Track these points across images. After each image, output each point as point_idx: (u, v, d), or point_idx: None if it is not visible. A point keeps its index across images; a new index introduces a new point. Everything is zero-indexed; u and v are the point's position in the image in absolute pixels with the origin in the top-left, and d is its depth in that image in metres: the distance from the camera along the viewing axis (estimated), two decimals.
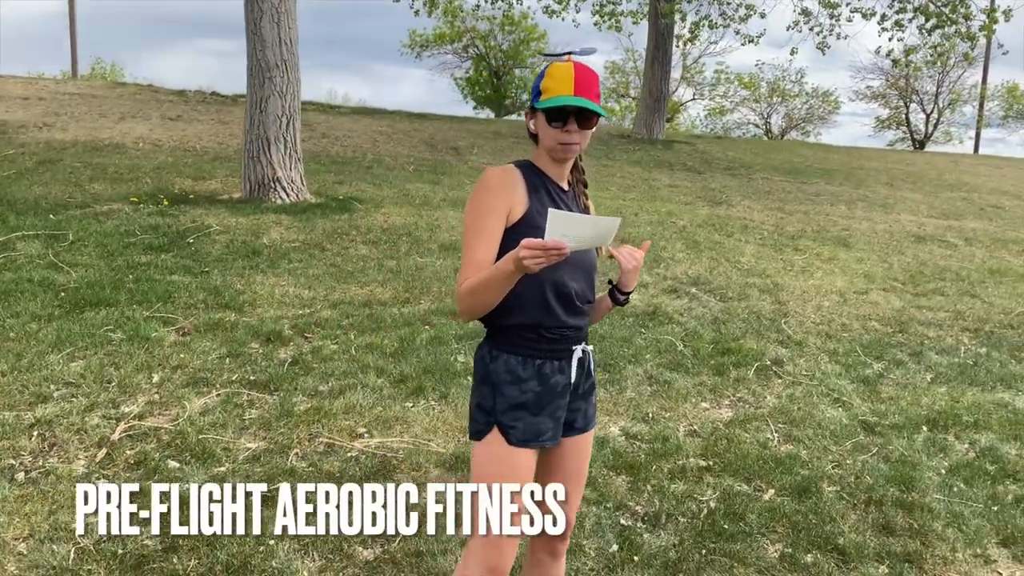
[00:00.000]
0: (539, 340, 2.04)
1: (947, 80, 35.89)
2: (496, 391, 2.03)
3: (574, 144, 2.01)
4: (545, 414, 2.05)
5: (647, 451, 3.87)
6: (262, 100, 7.10)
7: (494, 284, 1.88)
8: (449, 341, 4.88)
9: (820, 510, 3.49)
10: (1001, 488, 3.83)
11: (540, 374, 2.04)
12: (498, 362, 2.04)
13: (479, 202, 1.99)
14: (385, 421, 3.88)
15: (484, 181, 2.01)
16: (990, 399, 4.91)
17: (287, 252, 6.00)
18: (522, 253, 1.74)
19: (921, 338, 5.90)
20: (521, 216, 1.99)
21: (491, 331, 2.09)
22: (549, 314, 2.03)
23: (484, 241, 1.97)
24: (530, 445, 2.02)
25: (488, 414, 2.03)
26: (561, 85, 1.97)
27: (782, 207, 10.44)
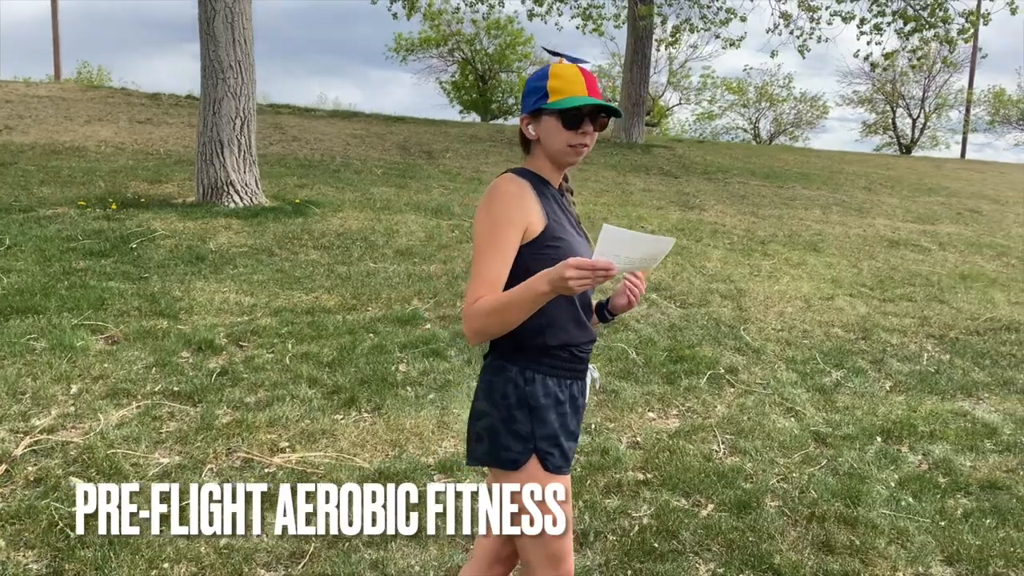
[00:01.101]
0: (572, 360, 1.94)
1: (933, 85, 36.02)
2: (535, 416, 1.89)
3: (585, 147, 1.89)
4: (573, 439, 1.98)
5: (584, 464, 3.72)
6: (215, 101, 6.93)
7: (521, 306, 1.72)
8: (392, 350, 4.72)
9: (759, 527, 3.34)
10: (951, 502, 3.69)
11: (571, 396, 1.96)
12: (535, 384, 1.89)
13: (496, 213, 1.82)
14: (311, 435, 3.71)
15: (497, 192, 1.84)
16: (949, 408, 4.78)
17: (233, 257, 5.83)
18: (568, 273, 1.59)
19: (884, 345, 5.77)
20: (542, 230, 1.84)
21: (519, 350, 1.91)
22: (582, 330, 1.94)
23: (499, 257, 1.80)
24: (564, 471, 1.93)
25: (526, 441, 1.88)
26: (573, 85, 1.85)
27: (756, 211, 10.31)
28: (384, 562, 2.88)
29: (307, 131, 13.16)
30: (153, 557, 2.75)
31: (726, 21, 17.92)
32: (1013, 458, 4.19)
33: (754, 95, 39.77)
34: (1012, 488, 3.85)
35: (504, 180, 1.86)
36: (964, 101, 33.84)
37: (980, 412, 4.77)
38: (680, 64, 36.23)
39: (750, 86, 39.06)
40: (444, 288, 5.78)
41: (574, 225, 1.98)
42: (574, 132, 1.86)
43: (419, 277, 5.93)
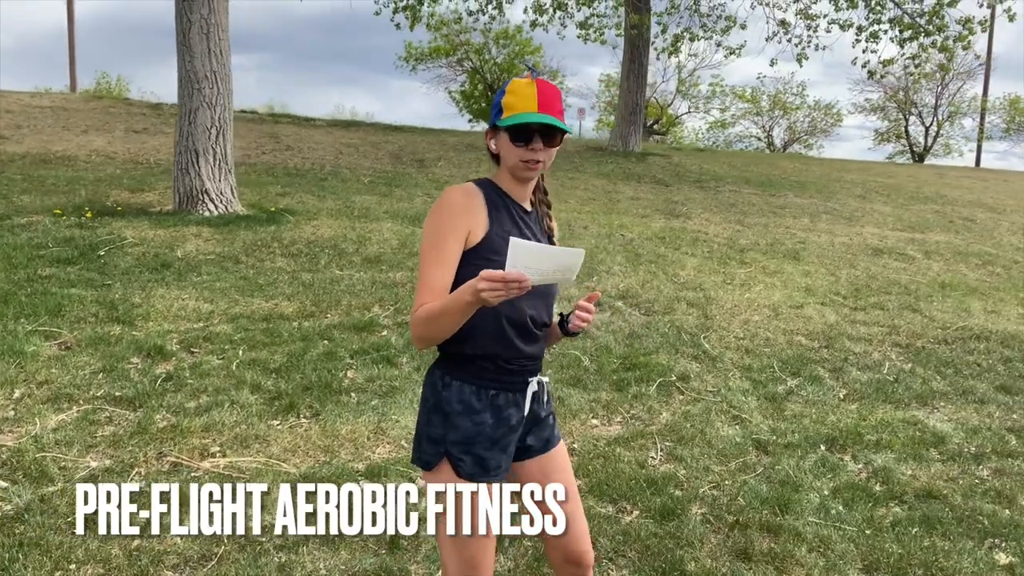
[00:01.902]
0: (496, 371, 1.95)
1: (946, 93, 35.82)
2: (447, 421, 1.94)
3: (538, 162, 1.92)
4: (497, 448, 1.96)
5: None
6: (191, 111, 7.03)
7: (450, 315, 1.78)
8: (343, 357, 4.77)
9: (680, 534, 3.35)
10: (882, 511, 3.68)
11: (494, 406, 1.95)
12: (451, 390, 1.95)
13: (438, 223, 1.89)
14: (244, 440, 3.76)
15: (443, 201, 1.90)
16: (901, 417, 4.76)
17: (199, 265, 5.90)
18: (480, 285, 1.64)
19: (846, 353, 5.75)
20: (481, 239, 1.89)
21: (444, 356, 1.99)
22: (506, 344, 1.94)
23: (442, 265, 1.86)
24: (479, 480, 1.93)
25: (438, 444, 1.94)
26: (524, 102, 1.89)
27: (742, 219, 10.30)
28: (292, 565, 2.91)
29: (302, 140, 13.28)
30: (60, 558, 2.80)
31: (726, 29, 17.95)
32: (956, 467, 4.18)
33: (767, 103, 39.73)
34: (948, 498, 3.83)
35: (451, 190, 1.92)
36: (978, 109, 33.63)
37: (933, 421, 4.74)
38: (689, 73, 36.25)
39: (763, 94, 39.02)
40: (407, 295, 5.83)
41: (534, 239, 1.99)
42: (524, 148, 1.90)
43: (384, 284, 5.98)
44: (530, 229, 2.00)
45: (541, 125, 1.88)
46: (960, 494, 3.88)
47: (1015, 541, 3.49)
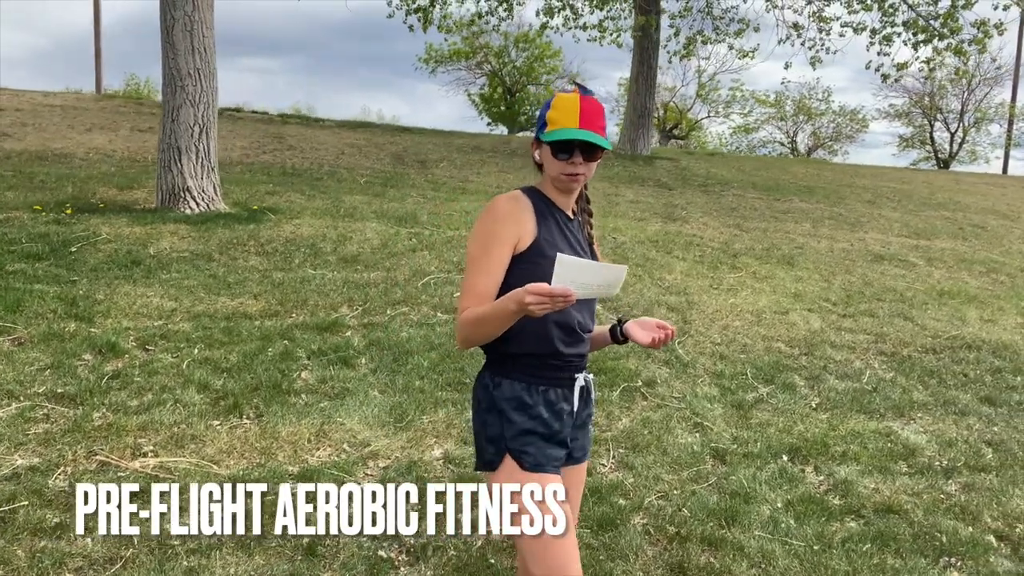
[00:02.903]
0: (543, 368, 2.01)
1: (973, 98, 35.22)
2: (503, 418, 1.98)
3: (580, 175, 2.00)
4: (554, 441, 2.01)
5: (454, 476, 3.63)
6: (174, 109, 7.01)
7: (495, 321, 1.86)
8: (299, 357, 4.69)
9: (615, 546, 3.23)
10: (836, 526, 3.53)
11: (546, 400, 2.01)
12: (502, 388, 2.00)
13: (487, 230, 1.96)
14: (180, 439, 3.69)
15: (493, 208, 1.97)
16: (873, 428, 4.60)
17: (170, 262, 5.86)
18: (528, 299, 1.71)
19: (826, 361, 5.58)
20: (530, 245, 1.96)
21: (492, 358, 2.06)
22: (551, 345, 2.00)
23: (489, 272, 1.94)
24: (545, 470, 1.97)
25: (497, 443, 1.98)
26: (567, 117, 1.95)
27: (741, 224, 10.12)
28: (200, 570, 2.83)
29: (307, 140, 13.27)
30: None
31: (740, 32, 17.74)
32: (923, 481, 4.01)
33: (791, 108, 39.31)
34: (908, 513, 3.68)
35: (501, 198, 1.98)
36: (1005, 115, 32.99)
37: (907, 433, 4.58)
38: (709, 77, 35.97)
39: (787, 99, 38.62)
40: (379, 296, 5.75)
41: (576, 247, 2.06)
42: (565, 163, 1.97)
43: (356, 284, 5.90)
44: (573, 235, 2.07)
45: (582, 142, 1.95)
46: (922, 509, 3.72)
47: (972, 560, 3.33)
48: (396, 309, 5.57)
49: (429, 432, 4.04)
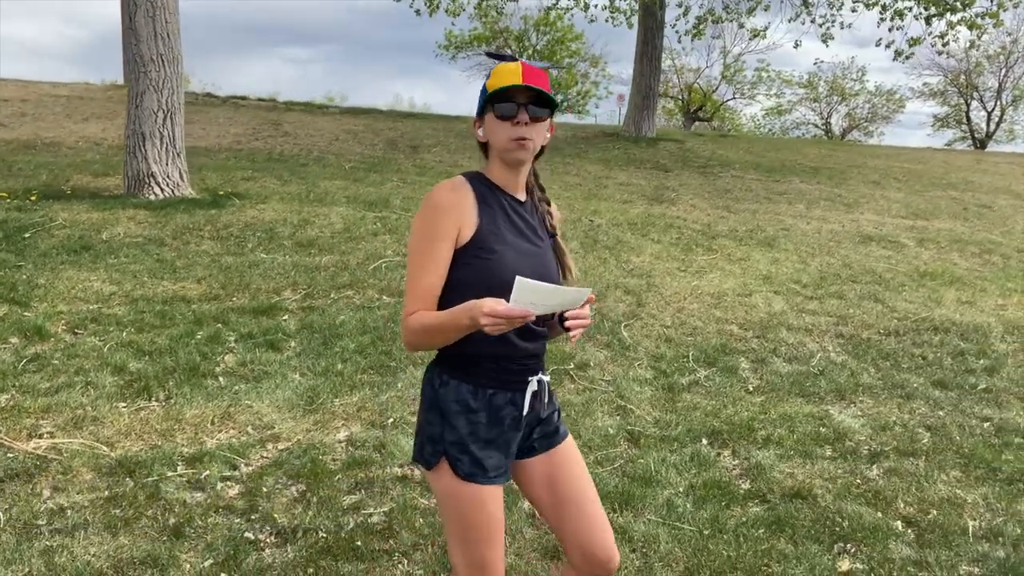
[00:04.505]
0: (497, 371, 1.91)
1: (1011, 76, 34.23)
2: (445, 420, 1.90)
3: (527, 140, 1.84)
4: (493, 447, 1.91)
5: (348, 460, 3.60)
6: (138, 95, 7.05)
7: (445, 332, 1.78)
8: (227, 340, 4.69)
9: None
10: (736, 510, 3.44)
11: (491, 405, 1.91)
12: (448, 388, 1.91)
13: (425, 223, 1.84)
14: (79, 421, 3.71)
15: (430, 200, 1.84)
16: (807, 411, 4.47)
17: (121, 247, 5.90)
18: (483, 321, 1.64)
19: (777, 344, 5.45)
20: (471, 237, 1.84)
21: (443, 354, 1.95)
22: (506, 344, 1.89)
23: (430, 269, 1.83)
24: (478, 480, 1.89)
25: (436, 443, 1.91)
26: (509, 77, 1.82)
27: (731, 206, 9.93)
28: (57, 550, 2.83)
29: (304, 127, 13.32)
30: None
31: (751, 10, 17.39)
32: (844, 466, 3.89)
33: (825, 89, 38.55)
34: (817, 498, 3.57)
35: (437, 189, 1.85)
36: None
37: (843, 416, 4.45)
38: (735, 58, 35.39)
39: (820, 80, 37.86)
40: (326, 280, 5.73)
41: (526, 233, 1.92)
42: (510, 123, 1.82)
43: (306, 268, 5.89)
44: (523, 220, 1.93)
45: (526, 97, 1.82)
46: (832, 495, 3.61)
47: (868, 547, 3.22)
48: (341, 293, 5.55)
49: (338, 415, 4.01)
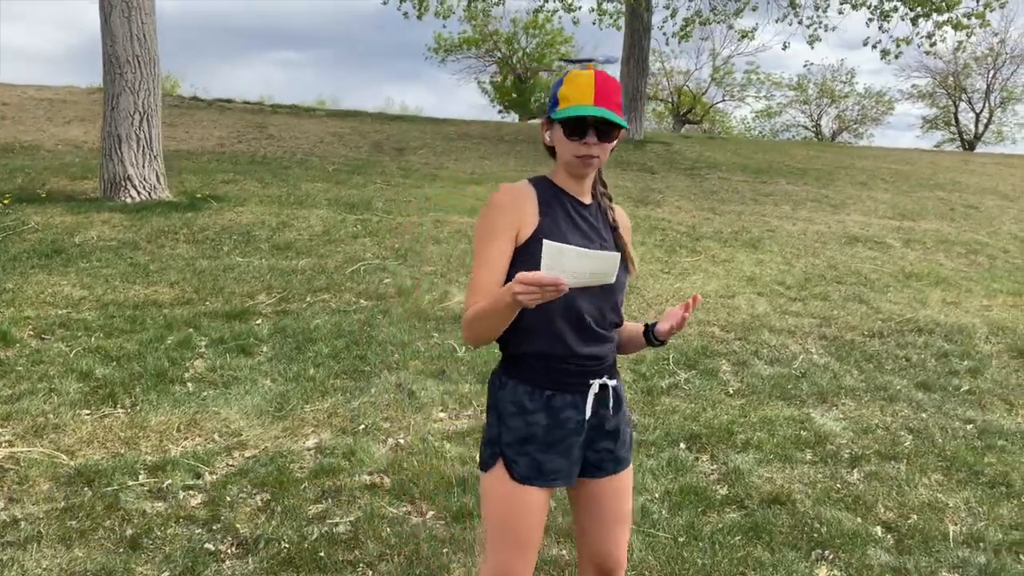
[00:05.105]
0: (548, 371, 1.90)
1: (999, 77, 34.35)
2: (501, 422, 1.90)
3: (593, 158, 1.86)
4: (554, 452, 1.90)
5: (316, 468, 3.51)
6: (113, 97, 6.95)
7: (493, 315, 1.76)
8: (198, 345, 4.60)
9: (462, 537, 3.09)
10: (713, 516, 3.37)
11: (549, 407, 1.89)
12: (505, 390, 1.92)
13: (485, 222, 1.87)
14: (40, 429, 3.61)
15: (492, 200, 1.87)
16: (788, 415, 4.40)
17: (94, 251, 5.80)
18: (515, 288, 1.60)
19: (759, 346, 5.38)
20: (530, 235, 1.85)
21: (503, 357, 1.97)
22: (558, 342, 1.88)
23: (488, 265, 1.84)
24: (535, 483, 1.88)
25: (494, 445, 1.91)
26: (580, 94, 1.82)
27: (716, 207, 9.87)
28: (10, 563, 2.73)
29: (290, 130, 13.21)
30: None
31: (738, 11, 17.38)
32: (825, 470, 3.83)
33: (814, 91, 38.60)
34: (796, 504, 3.50)
35: (500, 189, 1.88)
36: None
37: (824, 420, 4.38)
38: (724, 60, 35.40)
39: (810, 82, 37.91)
40: (302, 283, 5.65)
41: (590, 235, 1.94)
42: (577, 143, 1.83)
43: (282, 272, 5.80)
44: (587, 223, 1.94)
45: (596, 119, 1.81)
46: (812, 500, 3.54)
47: (846, 554, 3.15)
48: (317, 296, 5.46)
49: (308, 421, 3.92)
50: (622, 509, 2.06)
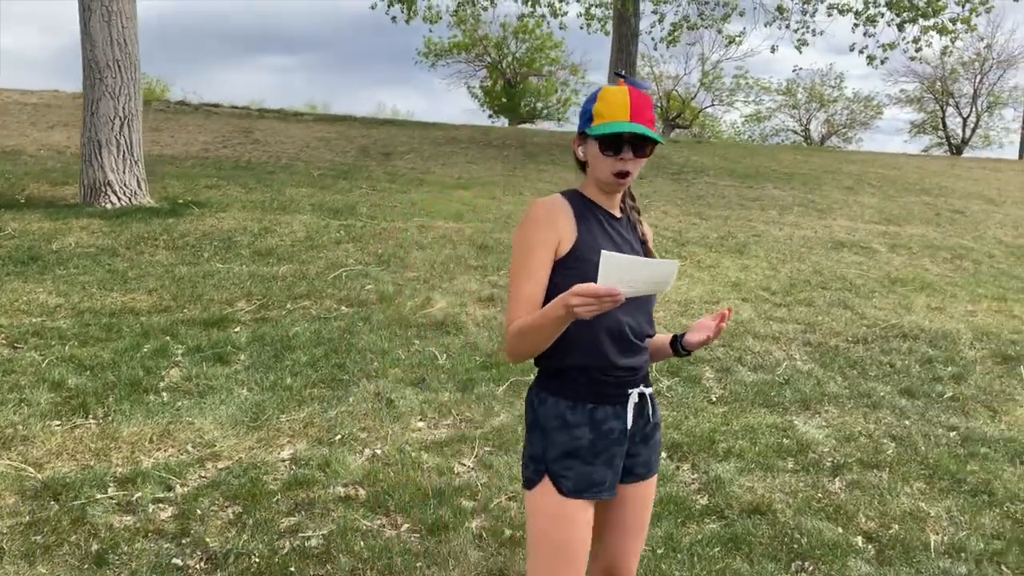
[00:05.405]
0: (590, 383, 1.91)
1: (986, 82, 34.54)
2: (546, 437, 1.90)
3: (627, 174, 1.87)
4: (600, 462, 1.90)
5: (290, 480, 3.45)
6: (93, 102, 6.88)
7: (543, 329, 1.76)
8: (174, 354, 4.54)
9: (439, 551, 3.04)
10: (692, 527, 3.33)
11: (592, 419, 1.91)
12: (546, 406, 1.91)
13: (525, 235, 1.87)
14: (8, 441, 3.54)
15: (530, 214, 1.88)
16: (771, 422, 4.37)
17: (71, 258, 5.73)
18: (573, 301, 1.61)
19: (743, 352, 5.35)
20: (570, 249, 1.86)
21: (541, 372, 1.97)
22: (601, 355, 1.90)
23: (531, 278, 1.85)
24: (584, 496, 1.88)
25: (539, 462, 1.90)
26: (616, 110, 1.83)
27: (702, 212, 9.86)
28: None
29: (276, 134, 13.15)
30: None
31: (725, 17, 17.43)
32: (807, 479, 3.79)
33: (804, 96, 38.71)
34: (777, 514, 3.46)
35: (537, 204, 1.89)
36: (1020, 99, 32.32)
37: (807, 427, 4.35)
38: (713, 65, 35.47)
39: (799, 87, 38.01)
40: (282, 290, 5.58)
41: (623, 247, 1.96)
42: (613, 158, 1.85)
43: (262, 278, 5.74)
44: (620, 235, 1.97)
45: (632, 135, 1.83)
46: (793, 510, 3.50)
47: (827, 564, 3.11)
48: (297, 303, 5.40)
49: (284, 432, 3.86)
50: (643, 518, 2.08)
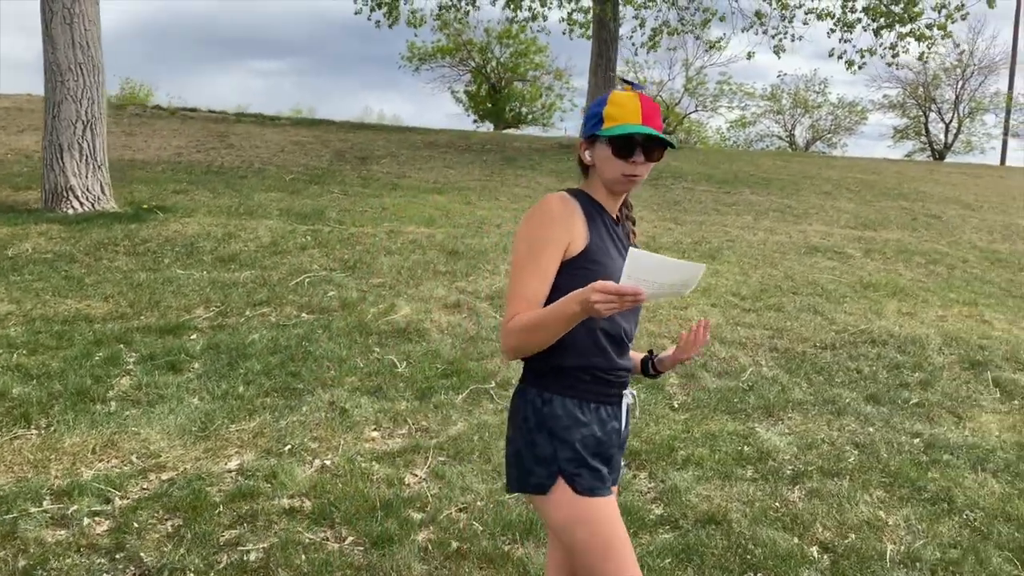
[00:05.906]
0: (594, 382, 1.90)
1: (967, 87, 34.79)
2: (555, 438, 1.85)
3: (638, 177, 1.87)
4: (603, 460, 1.91)
5: (234, 491, 3.36)
6: (55, 105, 6.77)
7: (553, 325, 1.72)
8: (125, 362, 4.44)
9: (380, 564, 2.96)
10: (646, 538, 3.26)
11: (598, 418, 1.91)
12: (553, 405, 1.87)
13: (537, 231, 1.81)
14: None
15: (544, 209, 1.83)
16: (732, 429, 4.31)
17: (27, 264, 5.62)
18: (594, 297, 1.57)
19: (708, 358, 5.30)
20: (581, 250, 1.84)
21: (539, 372, 1.90)
22: (603, 356, 1.90)
23: (539, 274, 1.81)
24: (596, 493, 1.85)
25: (549, 464, 1.85)
26: (628, 113, 1.83)
27: (678, 217, 9.83)
28: None
29: (250, 139, 13.04)
30: None
31: (705, 23, 17.44)
32: (765, 488, 3.73)
33: (788, 102, 38.85)
34: (732, 524, 3.39)
35: (551, 198, 1.84)
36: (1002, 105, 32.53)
37: (769, 434, 4.29)
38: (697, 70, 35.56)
39: (783, 92, 38.15)
40: (242, 296, 5.49)
41: (621, 253, 1.94)
42: (625, 161, 1.84)
43: (222, 285, 5.65)
44: (619, 240, 1.97)
45: (644, 138, 1.83)
46: (748, 519, 3.44)
47: (776, 575, 3.05)
48: (256, 310, 5.31)
49: (232, 442, 3.78)
50: None
